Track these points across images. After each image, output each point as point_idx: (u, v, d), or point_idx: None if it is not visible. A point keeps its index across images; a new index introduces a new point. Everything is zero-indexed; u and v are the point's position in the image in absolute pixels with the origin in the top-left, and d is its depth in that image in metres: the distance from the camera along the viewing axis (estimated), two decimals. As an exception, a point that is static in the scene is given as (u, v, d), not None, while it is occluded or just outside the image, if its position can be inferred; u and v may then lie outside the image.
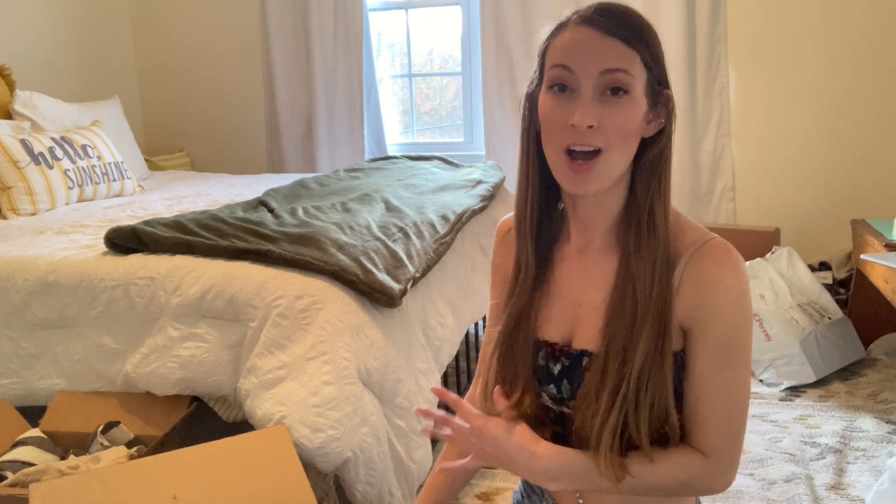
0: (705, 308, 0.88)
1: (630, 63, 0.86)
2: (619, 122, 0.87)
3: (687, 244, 0.90)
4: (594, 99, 0.87)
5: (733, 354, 0.89)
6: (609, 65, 0.86)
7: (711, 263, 0.88)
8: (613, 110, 0.86)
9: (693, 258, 0.88)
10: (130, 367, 1.77)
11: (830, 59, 3.19)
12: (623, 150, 0.88)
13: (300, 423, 1.50)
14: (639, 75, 0.87)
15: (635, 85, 0.87)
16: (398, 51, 4.01)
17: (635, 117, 0.87)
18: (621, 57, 0.86)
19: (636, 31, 0.87)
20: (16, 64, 3.28)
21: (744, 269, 0.89)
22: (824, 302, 2.72)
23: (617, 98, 0.86)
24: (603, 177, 0.89)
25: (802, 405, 2.46)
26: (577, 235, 0.98)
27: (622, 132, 0.87)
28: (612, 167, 0.88)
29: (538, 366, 0.98)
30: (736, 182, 3.38)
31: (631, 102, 0.87)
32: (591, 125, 0.86)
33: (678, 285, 0.89)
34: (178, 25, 4.13)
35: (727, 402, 0.89)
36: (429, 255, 1.98)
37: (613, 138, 0.87)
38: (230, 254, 1.79)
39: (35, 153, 2.76)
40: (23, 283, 1.88)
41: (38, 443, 1.68)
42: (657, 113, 0.90)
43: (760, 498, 1.94)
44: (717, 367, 0.89)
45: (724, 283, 0.87)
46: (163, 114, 4.27)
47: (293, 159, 4.00)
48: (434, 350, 1.96)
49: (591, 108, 0.86)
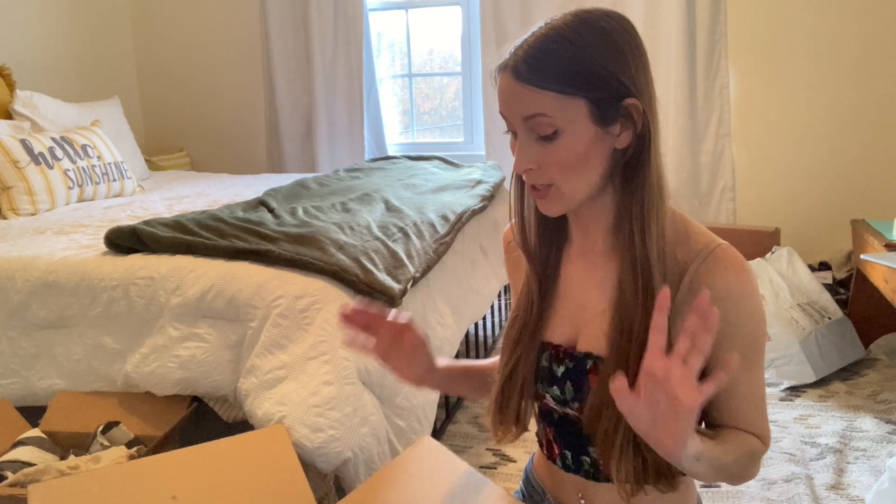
0: (724, 320, 0.87)
1: (547, 105, 0.84)
2: (558, 161, 0.86)
3: (694, 252, 0.89)
4: (533, 141, 0.87)
5: (755, 354, 0.90)
6: (526, 112, 0.86)
7: (722, 275, 0.87)
8: (549, 150, 0.86)
9: (701, 269, 0.88)
10: (130, 367, 1.77)
11: (830, 59, 3.19)
12: (576, 178, 0.88)
13: (300, 423, 1.50)
14: (566, 111, 0.85)
15: (564, 122, 0.85)
16: (398, 51, 4.01)
17: (574, 151, 0.86)
18: (536, 102, 0.85)
19: (552, 68, 0.84)
20: (16, 64, 3.28)
21: (752, 274, 0.89)
22: (824, 302, 2.72)
23: (549, 139, 0.86)
24: (563, 202, 0.90)
25: (802, 405, 2.46)
26: (579, 238, 0.98)
27: (564, 167, 0.87)
28: (571, 192, 0.89)
29: (541, 367, 0.98)
30: (736, 182, 3.38)
31: (566, 139, 0.85)
32: (529, 168, 0.88)
33: (686, 295, 0.88)
34: (178, 25, 4.13)
35: (754, 395, 0.92)
36: (429, 255, 1.98)
37: (558, 174, 0.87)
38: (230, 254, 1.79)
39: (35, 153, 2.76)
40: (23, 283, 1.88)
41: (38, 443, 1.67)
42: (626, 123, 0.87)
43: (760, 498, 1.94)
44: (742, 371, 0.90)
45: (737, 293, 0.87)
46: (163, 114, 4.27)
47: (293, 159, 4.00)
48: (434, 350, 1.96)
49: (528, 152, 0.87)
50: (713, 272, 0.87)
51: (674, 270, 0.89)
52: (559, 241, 1.00)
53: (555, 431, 1.01)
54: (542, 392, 0.99)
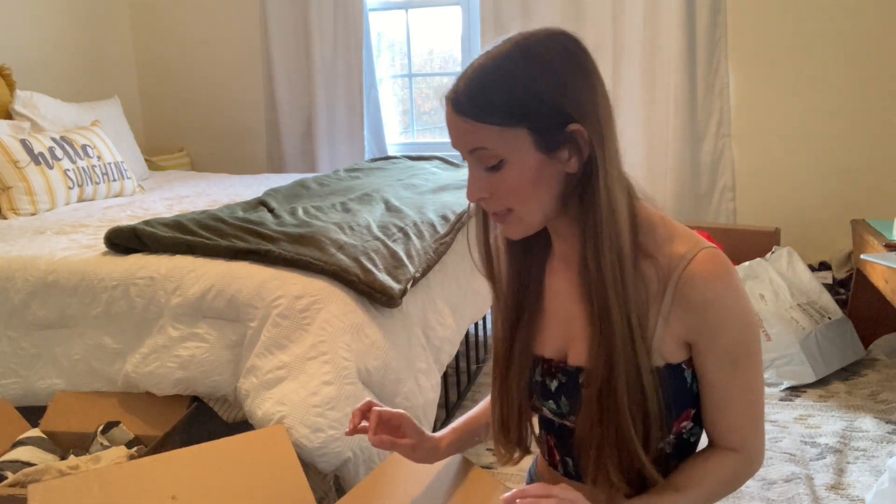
0: (707, 326, 0.87)
1: (488, 138, 0.84)
2: (508, 189, 0.86)
3: (676, 258, 0.87)
4: (482, 171, 0.87)
5: (744, 357, 0.89)
6: (469, 145, 0.86)
7: (704, 282, 0.85)
8: (498, 179, 0.86)
9: (683, 277, 0.86)
10: (130, 367, 1.77)
11: (830, 59, 3.19)
12: (530, 203, 0.87)
13: (300, 423, 1.50)
14: (508, 141, 0.84)
15: (507, 152, 0.84)
16: (398, 51, 4.01)
17: (523, 178, 0.85)
18: (477, 136, 0.85)
19: (491, 101, 0.83)
20: (16, 64, 3.28)
21: (736, 277, 0.88)
22: (824, 302, 2.72)
23: (495, 169, 0.86)
24: (522, 226, 0.90)
25: (802, 405, 2.46)
26: (559, 246, 0.97)
27: (515, 194, 0.87)
28: (529, 216, 0.89)
29: (535, 381, 0.98)
30: (736, 182, 3.38)
31: (513, 168, 0.85)
32: (482, 197, 0.88)
33: (671, 304, 0.87)
34: (178, 25, 4.13)
35: (747, 401, 0.91)
36: (429, 255, 1.98)
37: (511, 200, 0.87)
38: (230, 254, 1.79)
39: (35, 153, 2.76)
40: (23, 283, 1.88)
41: (38, 443, 1.67)
42: (573, 149, 0.85)
43: (760, 498, 1.94)
44: (731, 374, 0.89)
45: (720, 299, 0.86)
46: (163, 114, 4.27)
47: (293, 159, 4.00)
48: (434, 350, 1.97)
49: (477, 181, 0.88)
50: (694, 279, 0.86)
51: (655, 277, 0.88)
52: (541, 253, 0.99)
53: (555, 438, 1.02)
54: (539, 406, 0.99)
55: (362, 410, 1.05)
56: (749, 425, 0.92)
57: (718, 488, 0.93)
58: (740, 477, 0.94)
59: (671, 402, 0.90)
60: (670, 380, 0.90)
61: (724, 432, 0.92)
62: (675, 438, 0.95)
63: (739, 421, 0.91)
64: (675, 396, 0.91)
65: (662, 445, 0.94)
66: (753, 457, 0.93)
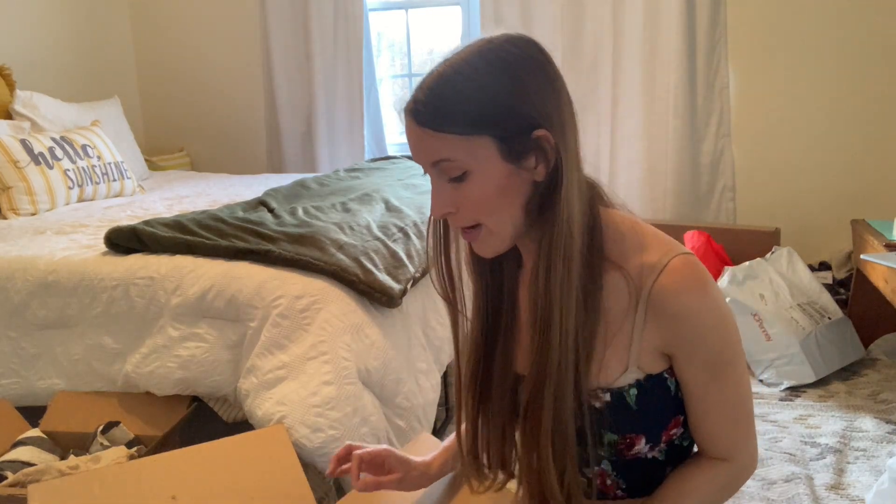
0: (682, 339, 0.85)
1: (451, 149, 0.81)
2: (474, 201, 0.83)
3: (648, 267, 0.85)
4: (445, 183, 0.84)
5: (725, 366, 0.87)
6: (432, 157, 0.83)
7: (677, 294, 0.83)
8: (462, 191, 0.83)
9: (656, 288, 0.84)
10: (130, 367, 1.77)
11: (830, 58, 3.19)
12: (499, 213, 0.84)
13: (300, 423, 1.50)
14: (471, 151, 0.81)
15: (471, 162, 0.82)
16: (398, 51, 4.01)
17: (489, 188, 0.82)
18: (439, 147, 0.82)
19: (451, 110, 0.81)
20: (16, 64, 3.28)
21: (710, 284, 0.85)
22: (824, 302, 2.72)
23: (460, 181, 0.83)
24: (495, 241, 0.86)
25: (802, 405, 2.46)
26: (528, 259, 0.94)
27: (482, 206, 0.83)
28: (499, 228, 0.85)
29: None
30: (736, 182, 3.38)
31: (477, 179, 0.82)
32: (448, 212, 0.85)
33: (645, 316, 0.85)
34: (178, 25, 4.13)
35: (731, 409, 0.89)
36: (429, 255, 1.98)
37: (479, 213, 0.84)
38: (230, 254, 1.79)
39: (35, 153, 2.76)
40: (23, 283, 1.88)
41: (38, 443, 1.68)
42: (539, 155, 0.83)
43: (760, 498, 1.94)
44: (712, 382, 0.88)
45: (694, 310, 0.84)
46: (163, 114, 4.27)
47: (293, 159, 4.00)
48: (434, 350, 1.97)
49: (443, 195, 0.84)
50: (665, 291, 0.83)
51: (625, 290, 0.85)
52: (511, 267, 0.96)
53: None
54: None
55: (339, 457, 1.03)
56: (735, 434, 0.90)
57: (711, 499, 0.92)
58: (734, 483, 0.93)
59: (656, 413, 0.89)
60: (653, 390, 0.88)
61: (710, 442, 0.91)
62: (666, 446, 0.93)
63: (724, 430, 0.90)
64: (660, 407, 0.89)
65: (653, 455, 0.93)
66: (744, 463, 0.92)
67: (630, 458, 0.91)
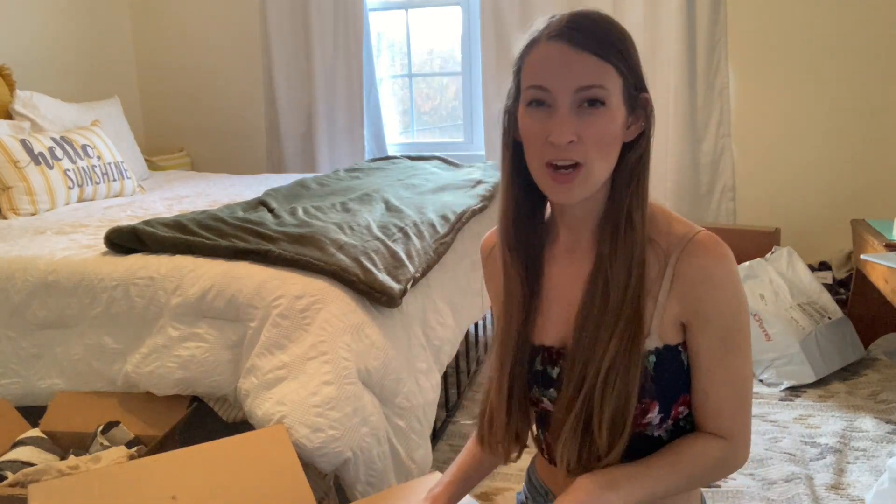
0: (703, 303, 0.89)
1: (604, 76, 0.86)
2: (598, 134, 0.87)
3: (675, 241, 0.90)
4: (571, 113, 0.86)
5: (735, 341, 0.91)
6: (584, 82, 0.86)
7: (702, 259, 0.89)
8: (591, 122, 0.86)
9: (682, 256, 0.89)
10: (130, 367, 1.77)
11: (830, 58, 3.19)
12: (604, 160, 0.88)
13: (300, 423, 1.50)
14: (614, 86, 0.87)
15: (612, 96, 0.86)
16: (398, 51, 4.01)
17: (614, 127, 0.87)
18: (595, 72, 0.86)
19: (608, 42, 0.87)
20: (16, 64, 3.28)
21: (732, 259, 0.91)
22: (824, 302, 2.72)
23: (594, 109, 0.86)
24: (586, 186, 0.89)
25: (802, 405, 2.46)
26: (565, 236, 0.98)
27: (601, 143, 0.87)
28: (594, 177, 0.89)
29: (535, 371, 0.98)
30: (736, 182, 3.38)
31: (609, 113, 0.87)
32: (571, 140, 0.86)
33: (670, 284, 0.90)
34: (179, 25, 4.13)
35: (736, 386, 0.92)
36: (429, 255, 1.98)
37: (593, 150, 0.87)
38: (230, 254, 1.79)
39: (35, 153, 2.76)
40: (23, 283, 1.88)
41: (38, 443, 1.68)
42: (636, 117, 0.90)
43: (760, 498, 1.94)
44: (722, 356, 0.91)
45: (716, 276, 0.89)
46: (163, 114, 4.27)
47: (293, 159, 4.00)
48: (434, 350, 1.97)
49: (569, 123, 0.86)
50: (692, 256, 0.89)
51: (654, 260, 0.91)
52: (542, 241, 1.00)
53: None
54: (538, 396, 0.99)
55: None
56: (736, 412, 0.93)
57: (702, 472, 0.93)
58: (724, 465, 0.94)
59: (669, 384, 0.92)
60: (670, 362, 0.92)
61: (711, 417, 0.93)
62: (672, 425, 0.95)
63: (727, 406, 0.92)
64: (673, 379, 0.93)
65: (660, 433, 0.95)
66: (738, 446, 0.94)
67: (641, 427, 0.93)
